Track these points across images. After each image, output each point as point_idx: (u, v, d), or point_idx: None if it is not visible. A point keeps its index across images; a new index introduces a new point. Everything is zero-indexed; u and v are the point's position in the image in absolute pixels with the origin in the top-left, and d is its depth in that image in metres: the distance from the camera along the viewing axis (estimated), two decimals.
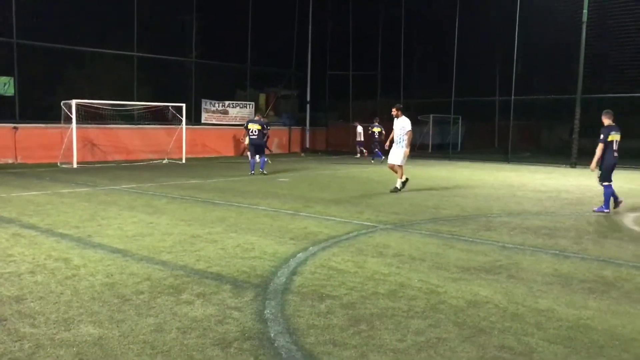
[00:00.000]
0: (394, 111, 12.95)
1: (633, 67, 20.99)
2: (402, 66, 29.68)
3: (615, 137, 10.04)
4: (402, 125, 12.77)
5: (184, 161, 21.69)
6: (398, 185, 12.80)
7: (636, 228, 8.65)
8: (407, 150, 12.76)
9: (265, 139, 17.45)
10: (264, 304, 4.69)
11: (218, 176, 16.28)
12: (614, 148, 10.01)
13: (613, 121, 10.15)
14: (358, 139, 26.87)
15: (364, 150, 26.60)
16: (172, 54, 25.05)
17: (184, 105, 22.24)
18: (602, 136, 10.02)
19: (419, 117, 33.28)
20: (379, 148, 23.04)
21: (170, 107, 22.63)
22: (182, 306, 4.61)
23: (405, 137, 12.69)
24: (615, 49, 21.94)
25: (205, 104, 26.34)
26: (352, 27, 31.63)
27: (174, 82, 25.81)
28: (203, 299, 4.81)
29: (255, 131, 16.55)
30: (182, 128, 22.12)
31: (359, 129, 26.54)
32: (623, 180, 16.73)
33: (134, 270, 5.68)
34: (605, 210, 10.05)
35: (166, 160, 21.85)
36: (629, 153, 20.99)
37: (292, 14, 30.43)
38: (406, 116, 12.95)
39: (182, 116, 22.13)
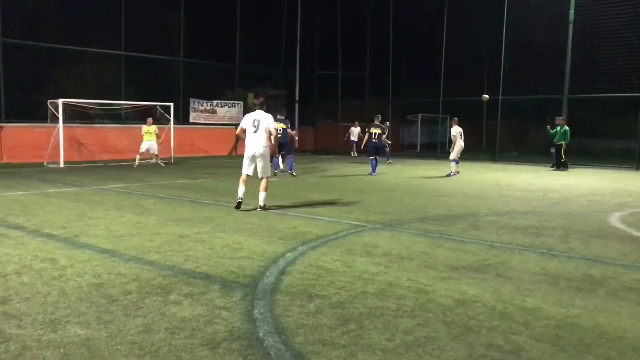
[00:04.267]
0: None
1: (619, 67, 21.19)
2: (390, 66, 29.75)
3: (372, 130, 17.11)
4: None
5: (172, 161, 21.57)
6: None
7: (622, 227, 8.73)
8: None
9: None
10: (252, 304, 4.67)
11: (206, 176, 16.23)
12: (373, 138, 17.14)
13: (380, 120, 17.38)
14: (352, 138, 27.06)
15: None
16: (159, 53, 24.92)
17: (171, 104, 22.12)
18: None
19: (407, 117, 33.43)
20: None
21: (158, 107, 22.51)
22: (171, 306, 4.58)
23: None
24: (602, 48, 22.12)
25: (193, 103, 26.23)
26: (341, 26, 31.65)
27: (162, 81, 25.63)
28: (191, 299, 4.79)
29: (280, 130, 15.02)
30: (170, 127, 22.00)
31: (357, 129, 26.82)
32: (610, 180, 16.89)
33: (121, 271, 5.64)
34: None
35: (154, 160, 21.72)
36: (613, 153, 21.17)
37: (280, 13, 30.41)
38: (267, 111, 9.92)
39: (170, 115, 22.00)
